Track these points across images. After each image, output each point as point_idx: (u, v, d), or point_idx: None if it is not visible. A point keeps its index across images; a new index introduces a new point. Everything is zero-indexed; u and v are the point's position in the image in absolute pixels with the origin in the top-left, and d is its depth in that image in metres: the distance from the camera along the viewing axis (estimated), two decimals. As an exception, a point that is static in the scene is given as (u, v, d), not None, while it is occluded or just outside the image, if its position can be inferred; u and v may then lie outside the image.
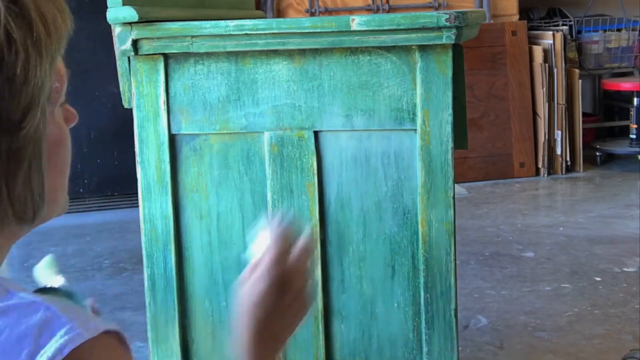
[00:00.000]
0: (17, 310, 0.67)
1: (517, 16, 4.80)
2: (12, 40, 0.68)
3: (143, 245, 1.33)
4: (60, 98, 0.77)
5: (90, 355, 0.66)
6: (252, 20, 1.24)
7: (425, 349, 1.29)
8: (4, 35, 0.67)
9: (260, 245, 1.07)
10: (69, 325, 0.66)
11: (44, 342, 0.65)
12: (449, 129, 1.24)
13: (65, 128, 0.79)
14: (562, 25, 4.93)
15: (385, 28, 1.21)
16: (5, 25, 0.67)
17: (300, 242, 1.07)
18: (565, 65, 4.57)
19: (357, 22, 1.21)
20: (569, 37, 4.83)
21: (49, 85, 0.72)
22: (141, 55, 1.28)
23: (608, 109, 5.47)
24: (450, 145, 1.25)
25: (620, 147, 4.86)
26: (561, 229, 3.49)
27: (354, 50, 1.25)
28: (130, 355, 0.72)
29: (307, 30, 1.23)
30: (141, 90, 1.29)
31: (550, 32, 4.56)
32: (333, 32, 1.22)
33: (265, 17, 1.81)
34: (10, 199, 0.71)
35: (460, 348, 1.55)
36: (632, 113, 4.76)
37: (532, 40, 4.68)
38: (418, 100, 1.24)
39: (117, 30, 1.26)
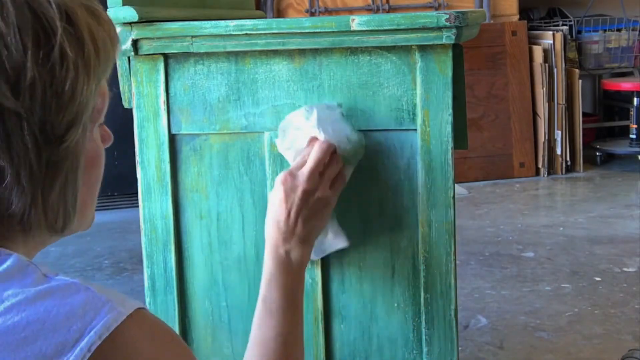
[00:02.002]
0: (61, 291, 0.73)
1: (517, 16, 4.80)
2: (65, 58, 0.72)
3: (143, 245, 1.33)
4: (101, 118, 0.83)
5: (131, 330, 0.72)
6: (252, 20, 1.24)
7: (425, 349, 1.29)
8: (58, 53, 0.72)
9: (291, 142, 1.17)
10: (109, 304, 0.72)
11: (89, 319, 0.71)
12: (449, 129, 1.24)
13: (102, 147, 0.86)
14: (562, 25, 4.93)
15: (385, 28, 1.21)
16: (60, 43, 0.72)
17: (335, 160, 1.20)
18: (565, 65, 4.57)
19: (357, 22, 1.21)
20: (569, 37, 4.83)
21: (93, 104, 0.78)
22: (141, 55, 1.28)
23: (608, 109, 5.47)
24: (450, 145, 1.25)
25: (620, 147, 4.87)
26: (561, 229, 3.49)
27: (354, 50, 1.25)
28: (160, 321, 0.78)
29: (307, 30, 1.23)
30: (141, 90, 1.29)
31: (550, 32, 4.56)
32: (333, 32, 1.22)
33: (265, 17, 1.81)
34: (44, 208, 0.75)
35: (460, 348, 1.55)
36: (632, 113, 4.76)
37: (532, 40, 4.68)
38: (418, 100, 1.25)
39: (117, 30, 1.26)
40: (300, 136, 1.22)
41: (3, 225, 0.76)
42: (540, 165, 4.57)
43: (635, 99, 4.71)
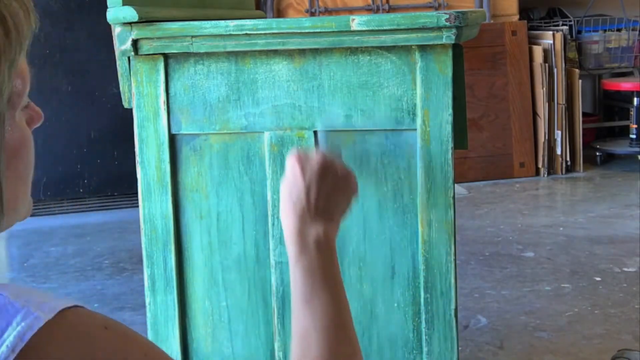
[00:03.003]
0: None
1: (517, 16, 4.80)
2: None
3: (143, 245, 1.33)
4: (23, 101, 0.71)
5: (52, 338, 0.63)
6: (252, 20, 1.24)
7: (425, 349, 1.29)
8: None
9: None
10: (24, 310, 0.63)
11: (0, 331, 0.62)
12: (449, 129, 1.24)
13: (28, 131, 0.73)
14: (562, 25, 4.93)
15: (385, 28, 1.21)
16: None
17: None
18: (565, 65, 4.57)
19: (357, 22, 1.21)
20: (569, 37, 4.83)
21: (9, 89, 0.68)
22: (141, 55, 1.28)
23: (608, 109, 5.47)
24: (450, 145, 1.25)
25: (620, 147, 4.86)
26: (561, 229, 3.49)
27: (354, 50, 1.25)
28: (97, 314, 0.69)
29: (307, 30, 1.23)
30: (141, 90, 1.29)
31: (550, 32, 4.56)
32: (333, 32, 1.22)
33: (265, 17, 1.81)
34: None
35: (460, 348, 1.55)
36: (632, 113, 4.76)
37: (532, 40, 4.68)
38: (418, 100, 1.25)
39: (117, 30, 1.26)
40: None
41: None
42: (540, 165, 4.57)
43: (635, 99, 4.71)
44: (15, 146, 0.70)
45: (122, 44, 1.26)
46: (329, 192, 1.09)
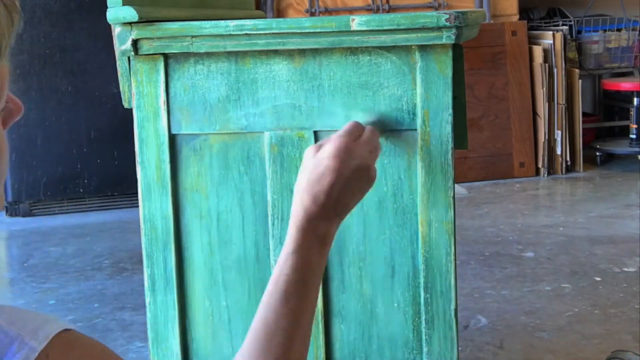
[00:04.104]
0: None
1: (517, 16, 4.80)
2: None
3: (143, 245, 1.33)
4: (1, 102, 0.68)
5: None
6: (252, 20, 1.24)
7: (425, 349, 1.29)
8: None
9: None
10: (19, 340, 0.62)
11: None
12: (449, 129, 1.24)
13: (2, 132, 0.69)
14: (562, 25, 4.93)
15: (385, 28, 1.21)
16: None
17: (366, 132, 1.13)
18: (565, 65, 4.57)
19: (357, 22, 1.21)
20: (569, 37, 4.83)
21: None
22: (141, 55, 1.28)
23: (608, 109, 5.47)
24: (450, 145, 1.25)
25: (620, 147, 4.86)
26: (561, 229, 3.49)
27: (354, 50, 1.25)
28: (91, 340, 0.68)
29: (307, 30, 1.23)
30: (141, 90, 1.29)
31: (550, 32, 4.56)
32: (333, 32, 1.22)
33: (265, 17, 1.81)
34: None
35: (460, 348, 1.55)
36: (632, 113, 4.76)
37: (532, 40, 4.68)
38: (418, 100, 1.25)
39: (117, 30, 1.26)
40: None
41: None
42: (540, 165, 4.57)
43: (635, 99, 4.71)
44: None
45: (122, 44, 1.26)
46: (346, 188, 1.07)
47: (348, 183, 1.07)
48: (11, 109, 0.70)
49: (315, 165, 1.08)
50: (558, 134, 4.55)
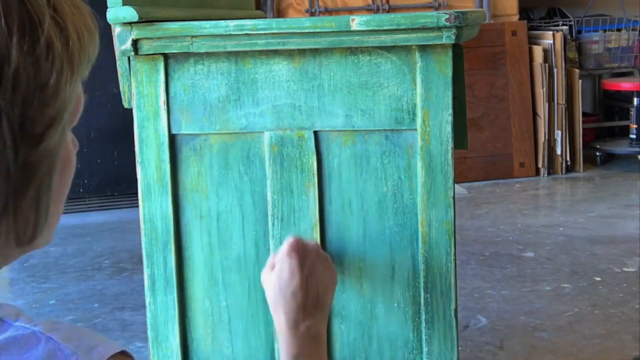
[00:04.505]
0: (18, 344, 0.64)
1: (517, 16, 4.80)
2: (52, 49, 0.66)
3: (143, 245, 1.33)
4: (75, 121, 0.75)
5: None
6: (252, 20, 1.24)
7: (425, 349, 1.29)
8: (45, 43, 0.65)
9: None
10: (74, 358, 0.64)
11: None
12: (449, 129, 1.24)
13: (74, 153, 0.76)
14: (562, 25, 4.93)
15: (385, 28, 1.21)
16: (47, 32, 0.65)
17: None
18: (565, 65, 4.57)
19: (357, 22, 1.21)
20: (569, 37, 4.83)
21: (73, 103, 0.71)
22: (141, 55, 1.28)
23: (608, 109, 5.47)
24: (450, 145, 1.25)
25: (620, 147, 4.86)
26: (561, 229, 3.49)
27: (354, 50, 1.25)
28: None
29: (307, 30, 1.23)
30: (141, 90, 1.29)
31: (550, 32, 4.56)
32: (333, 32, 1.22)
33: (265, 17, 1.81)
34: (15, 214, 0.67)
35: (460, 348, 1.55)
36: (632, 113, 4.76)
37: (532, 40, 4.68)
38: (418, 100, 1.24)
39: (117, 30, 1.26)
40: None
41: None
42: (540, 165, 4.57)
43: (635, 99, 4.71)
44: (63, 161, 0.73)
45: (122, 44, 1.26)
46: (325, 284, 1.11)
47: (316, 272, 1.11)
48: (73, 139, 0.76)
49: (279, 272, 1.13)
50: (558, 134, 4.55)
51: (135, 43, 1.26)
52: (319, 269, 1.12)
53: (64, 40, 0.67)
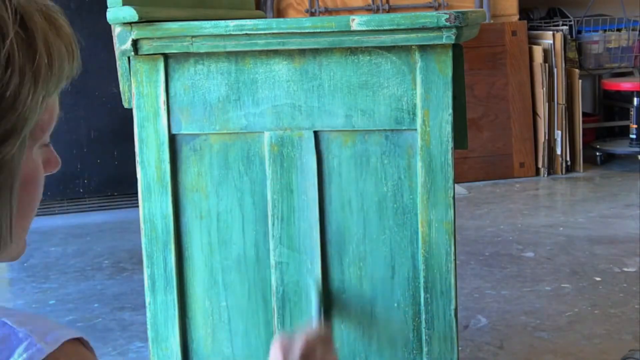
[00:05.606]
0: None
1: (517, 16, 4.80)
2: (12, 62, 0.66)
3: (143, 245, 1.33)
4: (45, 137, 0.73)
5: None
6: (252, 20, 1.24)
7: (425, 349, 1.29)
8: (4, 57, 0.65)
9: None
10: (27, 340, 0.63)
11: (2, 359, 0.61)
12: (449, 129, 1.24)
13: (41, 169, 0.74)
14: (562, 25, 4.93)
15: (385, 28, 1.21)
16: (9, 47, 0.66)
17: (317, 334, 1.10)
18: (565, 65, 4.57)
19: (357, 22, 1.21)
20: (569, 37, 4.83)
21: (36, 118, 0.69)
22: (141, 55, 1.28)
23: (608, 109, 5.47)
24: (450, 145, 1.25)
25: (620, 147, 4.86)
26: (561, 229, 3.49)
27: (354, 50, 1.25)
28: (95, 358, 0.69)
29: (307, 30, 1.23)
30: (141, 90, 1.29)
31: (550, 32, 4.56)
32: (333, 32, 1.22)
33: (265, 17, 1.81)
34: None
35: (460, 348, 1.55)
36: (632, 113, 4.76)
37: (532, 40, 4.68)
38: (418, 100, 1.25)
39: (117, 30, 1.26)
40: None
41: None
42: (540, 165, 4.57)
43: (635, 99, 4.71)
44: (26, 178, 0.71)
45: (122, 44, 1.26)
46: None
47: None
48: (50, 159, 0.76)
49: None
50: (558, 134, 4.55)
51: (135, 43, 1.26)
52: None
53: (28, 55, 0.67)
